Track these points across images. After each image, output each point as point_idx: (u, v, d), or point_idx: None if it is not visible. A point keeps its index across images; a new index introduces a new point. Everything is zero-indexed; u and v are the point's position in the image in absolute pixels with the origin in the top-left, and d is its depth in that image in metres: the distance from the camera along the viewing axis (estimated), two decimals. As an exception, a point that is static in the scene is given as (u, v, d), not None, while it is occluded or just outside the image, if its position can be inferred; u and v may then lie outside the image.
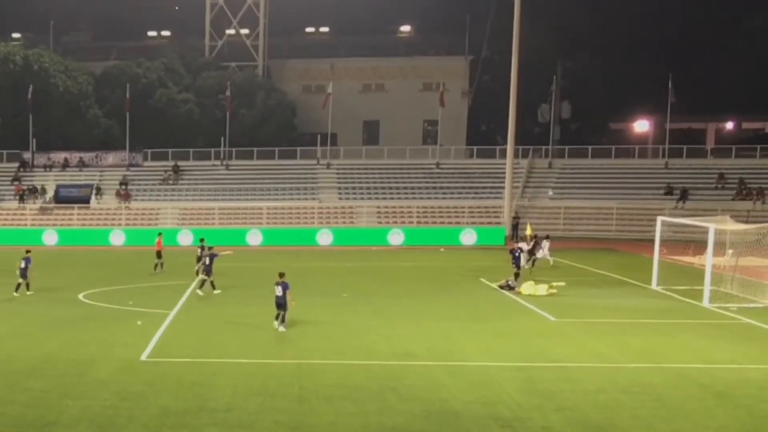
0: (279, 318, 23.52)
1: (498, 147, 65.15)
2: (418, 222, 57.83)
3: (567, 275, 35.41)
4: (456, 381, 17.97)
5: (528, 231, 42.78)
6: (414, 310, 27.17)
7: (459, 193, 60.92)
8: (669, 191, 58.33)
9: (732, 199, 56.60)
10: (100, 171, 65.42)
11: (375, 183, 63.45)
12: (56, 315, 26.86)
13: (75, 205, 60.42)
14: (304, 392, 17.12)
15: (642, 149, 68.00)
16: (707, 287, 27.92)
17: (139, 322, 24.74)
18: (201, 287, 31.01)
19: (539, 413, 15.68)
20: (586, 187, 60.73)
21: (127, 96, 64.56)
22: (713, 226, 28.25)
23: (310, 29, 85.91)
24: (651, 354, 20.51)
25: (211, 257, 31.03)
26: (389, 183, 63.20)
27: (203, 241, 34.86)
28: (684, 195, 57.03)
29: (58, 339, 22.90)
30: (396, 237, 53.03)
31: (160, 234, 40.21)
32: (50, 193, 62.15)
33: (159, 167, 65.35)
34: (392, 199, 60.89)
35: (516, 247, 33.85)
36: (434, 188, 61.89)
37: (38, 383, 18.00)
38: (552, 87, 65.70)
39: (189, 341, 22.42)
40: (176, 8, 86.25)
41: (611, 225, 56.62)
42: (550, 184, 61.44)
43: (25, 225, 58.89)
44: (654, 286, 31.75)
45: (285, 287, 23.28)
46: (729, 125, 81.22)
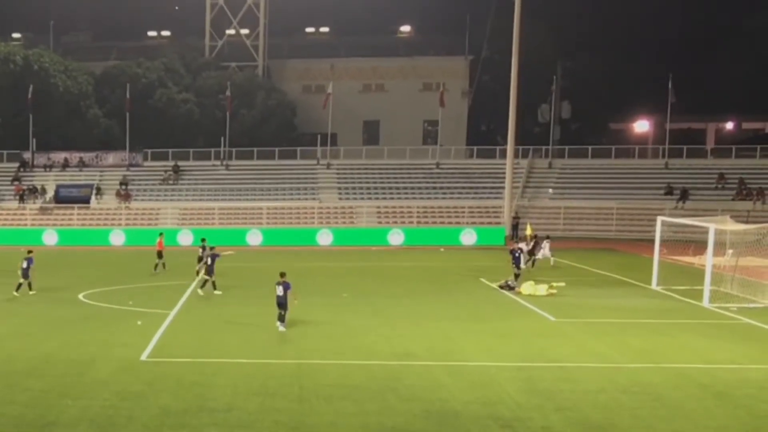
0: (279, 317, 23.53)
1: (498, 147, 65.14)
2: (418, 222, 57.82)
3: (567, 275, 35.42)
4: (456, 381, 17.97)
5: (528, 231, 42.80)
6: (414, 310, 27.17)
7: (459, 193, 60.91)
8: (669, 191, 58.34)
9: (732, 199, 56.59)
10: (100, 171, 65.43)
11: (375, 183, 63.44)
12: (56, 315, 26.87)
13: (75, 205, 60.41)
14: (304, 392, 17.12)
15: (642, 149, 68.00)
16: (707, 287, 27.92)
17: (139, 322, 24.74)
18: (203, 287, 31.01)
19: (539, 413, 15.69)
20: (586, 187, 60.74)
21: (127, 96, 64.55)
22: (713, 226, 28.25)
23: (310, 29, 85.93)
24: (651, 354, 20.52)
25: (213, 257, 31.02)
26: (389, 183, 63.20)
27: (204, 242, 34.87)
28: (684, 195, 57.03)
29: (58, 339, 22.91)
30: (396, 237, 53.02)
31: (162, 234, 40.17)
32: (50, 193, 62.14)
33: (159, 167, 65.36)
34: (392, 199, 60.88)
35: (516, 248, 33.81)
36: (434, 188, 61.89)
37: (38, 383, 18.00)
38: (552, 87, 65.66)
39: (189, 341, 22.42)
40: (176, 8, 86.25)
41: (611, 225, 56.61)
42: (550, 184, 61.45)
43: (25, 225, 58.89)
44: (654, 286, 31.76)
45: (286, 287, 23.30)
46: (729, 125, 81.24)
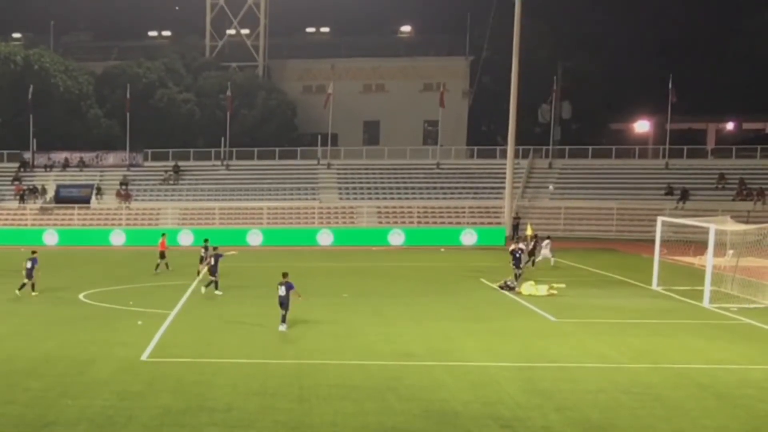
0: (281, 317, 23.51)
1: (498, 147, 65.12)
2: (419, 222, 57.82)
3: (567, 275, 35.42)
4: (456, 381, 17.97)
5: (528, 231, 42.84)
6: (414, 310, 27.17)
7: (459, 194, 60.90)
8: (669, 191, 58.32)
9: (732, 200, 56.57)
10: (101, 171, 65.45)
11: (375, 183, 63.44)
12: (56, 315, 26.88)
13: (75, 205, 60.42)
14: (304, 392, 17.12)
15: (642, 149, 68.00)
16: (707, 288, 27.90)
17: (140, 322, 24.75)
18: (207, 286, 31.00)
19: (539, 413, 15.69)
20: (587, 188, 60.73)
21: (128, 96, 64.54)
22: (713, 227, 28.23)
23: (311, 29, 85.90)
24: (651, 354, 20.52)
25: (216, 257, 31.04)
26: (390, 183, 63.20)
27: (207, 242, 34.82)
28: (684, 195, 57.01)
29: (58, 339, 22.92)
30: (396, 237, 53.01)
31: (164, 234, 40.08)
32: (51, 193, 62.16)
33: (159, 167, 65.37)
34: (393, 200, 60.88)
35: (516, 248, 33.81)
36: (435, 188, 61.88)
37: (38, 383, 18.01)
38: (552, 87, 65.65)
39: (189, 341, 22.43)
40: (177, 8, 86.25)
41: (611, 225, 56.60)
42: (551, 183, 61.46)
43: (26, 225, 58.90)
44: (654, 287, 31.75)
45: (288, 287, 23.30)
46: (729, 126, 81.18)
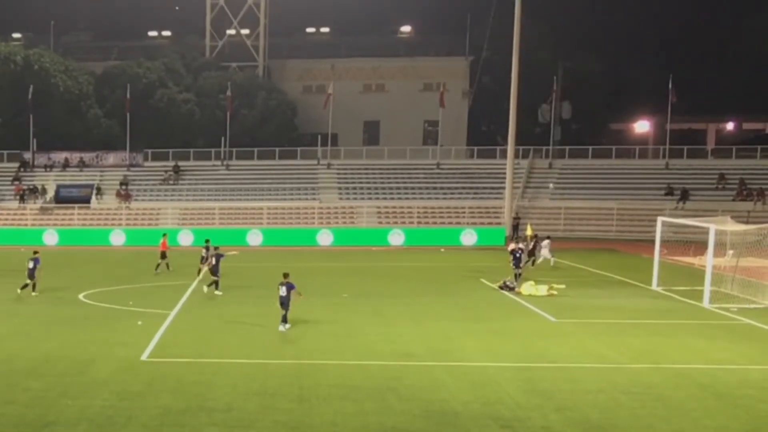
0: (282, 318, 23.50)
1: (498, 147, 65.12)
2: (419, 222, 57.82)
3: (567, 275, 35.42)
4: (456, 381, 17.96)
5: (528, 231, 42.84)
6: (414, 310, 27.16)
7: (459, 194, 60.90)
8: (669, 192, 58.32)
9: (732, 200, 56.58)
10: (101, 171, 65.46)
11: (375, 183, 63.44)
12: (56, 315, 26.87)
13: (75, 205, 60.43)
14: (304, 392, 17.11)
15: (642, 150, 68.01)
16: (707, 288, 27.89)
17: (140, 322, 24.74)
18: (210, 285, 30.99)
19: (539, 413, 15.69)
20: (587, 188, 60.73)
21: (128, 96, 64.55)
22: (714, 227, 28.22)
23: (311, 29, 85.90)
24: (651, 354, 20.51)
25: (218, 257, 31.06)
26: (390, 183, 63.19)
27: (208, 242, 34.76)
28: (684, 195, 57.01)
29: (58, 339, 22.92)
30: (396, 237, 53.00)
31: (165, 234, 40.03)
32: (51, 193, 62.17)
33: (159, 167, 65.38)
34: (393, 200, 60.88)
35: (517, 248, 33.82)
36: (435, 188, 61.88)
37: (38, 383, 18.00)
38: (553, 87, 65.65)
39: (189, 341, 22.42)
40: (177, 8, 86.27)
41: (612, 225, 56.59)
42: (551, 182, 61.48)
43: (26, 225, 58.89)
44: (654, 287, 31.74)
45: (289, 287, 23.29)
46: (729, 126, 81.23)
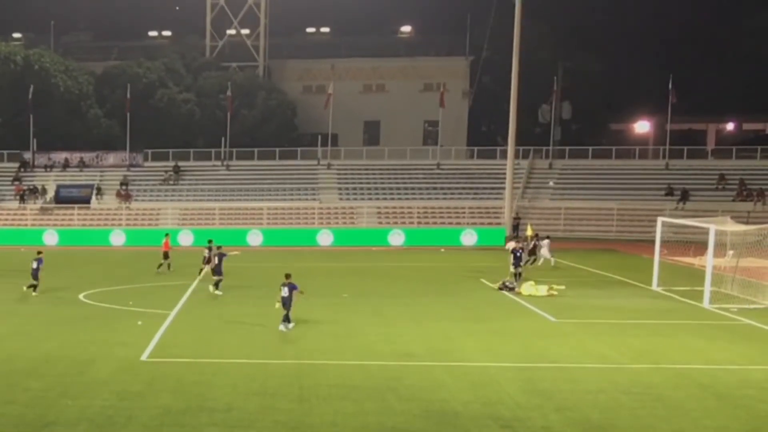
0: (284, 317, 23.50)
1: (498, 148, 65.12)
2: (419, 222, 57.82)
3: (567, 276, 35.42)
4: (456, 381, 17.96)
5: (528, 231, 42.84)
6: (414, 310, 27.16)
7: (459, 194, 60.90)
8: (669, 192, 58.32)
9: (732, 200, 56.58)
10: (101, 171, 65.46)
11: (375, 183, 63.44)
12: (56, 315, 26.87)
13: (75, 206, 60.43)
14: (304, 392, 17.11)
15: (642, 150, 67.99)
16: (707, 288, 27.89)
17: (140, 322, 24.73)
18: (216, 286, 31.01)
19: (539, 413, 15.68)
20: (587, 188, 60.73)
21: (128, 96, 64.55)
22: (714, 227, 28.22)
23: (311, 29, 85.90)
24: (651, 354, 20.51)
25: (220, 257, 31.08)
26: (390, 183, 63.19)
27: (211, 242, 34.68)
28: (684, 196, 57.00)
29: (58, 339, 22.91)
30: (396, 237, 53.00)
31: (167, 234, 39.95)
32: (51, 193, 62.16)
33: (159, 167, 65.38)
34: (393, 200, 60.89)
35: (517, 247, 33.83)
36: (435, 189, 61.88)
37: (38, 383, 17.99)
38: (553, 87, 65.66)
39: (189, 341, 22.42)
40: (177, 8, 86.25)
41: (612, 226, 56.60)
42: (551, 180, 61.49)
43: (26, 225, 58.88)
44: (654, 287, 31.73)
45: (291, 288, 23.27)
46: (730, 126, 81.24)
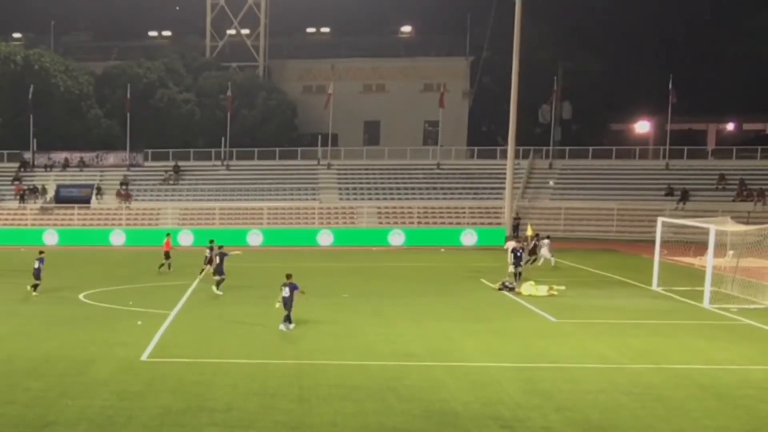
0: (285, 318, 23.50)
1: (499, 148, 65.12)
2: (419, 222, 57.81)
3: (567, 276, 35.41)
4: (456, 381, 17.96)
5: (529, 231, 42.85)
6: (414, 310, 27.16)
7: (460, 194, 60.90)
8: (670, 192, 58.32)
9: (733, 200, 56.59)
10: (101, 171, 65.46)
11: (376, 183, 63.44)
12: (56, 315, 26.86)
13: (75, 205, 60.41)
14: (304, 392, 17.11)
15: (643, 150, 67.98)
16: (708, 288, 27.89)
17: (140, 322, 24.73)
18: (218, 286, 31.02)
19: (539, 413, 15.68)
20: (587, 188, 60.73)
21: (128, 96, 64.54)
22: (714, 227, 28.21)
23: (311, 29, 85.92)
24: (651, 354, 20.50)
25: (222, 256, 31.08)
26: (390, 183, 63.20)
27: (213, 242, 34.65)
28: (685, 196, 57.00)
29: (58, 339, 22.91)
30: (396, 237, 52.99)
31: (169, 234, 39.92)
32: (51, 193, 62.17)
33: (159, 167, 65.38)
34: (393, 200, 60.89)
35: (518, 246, 33.83)
36: (435, 189, 61.88)
37: (38, 383, 17.99)
38: (553, 87, 65.65)
39: (189, 341, 22.42)
40: (177, 8, 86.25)
41: (612, 226, 56.60)
42: (551, 179, 61.49)
43: (26, 225, 58.88)
44: (654, 287, 31.73)
45: (293, 288, 23.26)
46: (730, 126, 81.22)
